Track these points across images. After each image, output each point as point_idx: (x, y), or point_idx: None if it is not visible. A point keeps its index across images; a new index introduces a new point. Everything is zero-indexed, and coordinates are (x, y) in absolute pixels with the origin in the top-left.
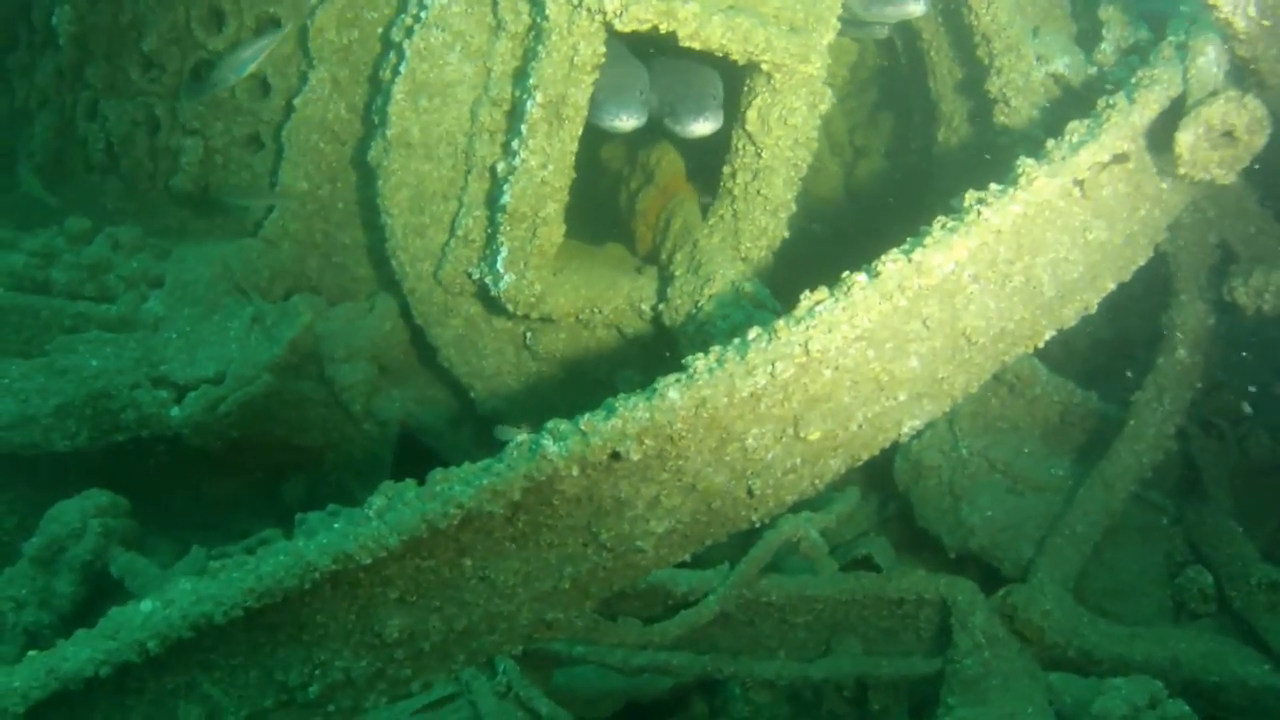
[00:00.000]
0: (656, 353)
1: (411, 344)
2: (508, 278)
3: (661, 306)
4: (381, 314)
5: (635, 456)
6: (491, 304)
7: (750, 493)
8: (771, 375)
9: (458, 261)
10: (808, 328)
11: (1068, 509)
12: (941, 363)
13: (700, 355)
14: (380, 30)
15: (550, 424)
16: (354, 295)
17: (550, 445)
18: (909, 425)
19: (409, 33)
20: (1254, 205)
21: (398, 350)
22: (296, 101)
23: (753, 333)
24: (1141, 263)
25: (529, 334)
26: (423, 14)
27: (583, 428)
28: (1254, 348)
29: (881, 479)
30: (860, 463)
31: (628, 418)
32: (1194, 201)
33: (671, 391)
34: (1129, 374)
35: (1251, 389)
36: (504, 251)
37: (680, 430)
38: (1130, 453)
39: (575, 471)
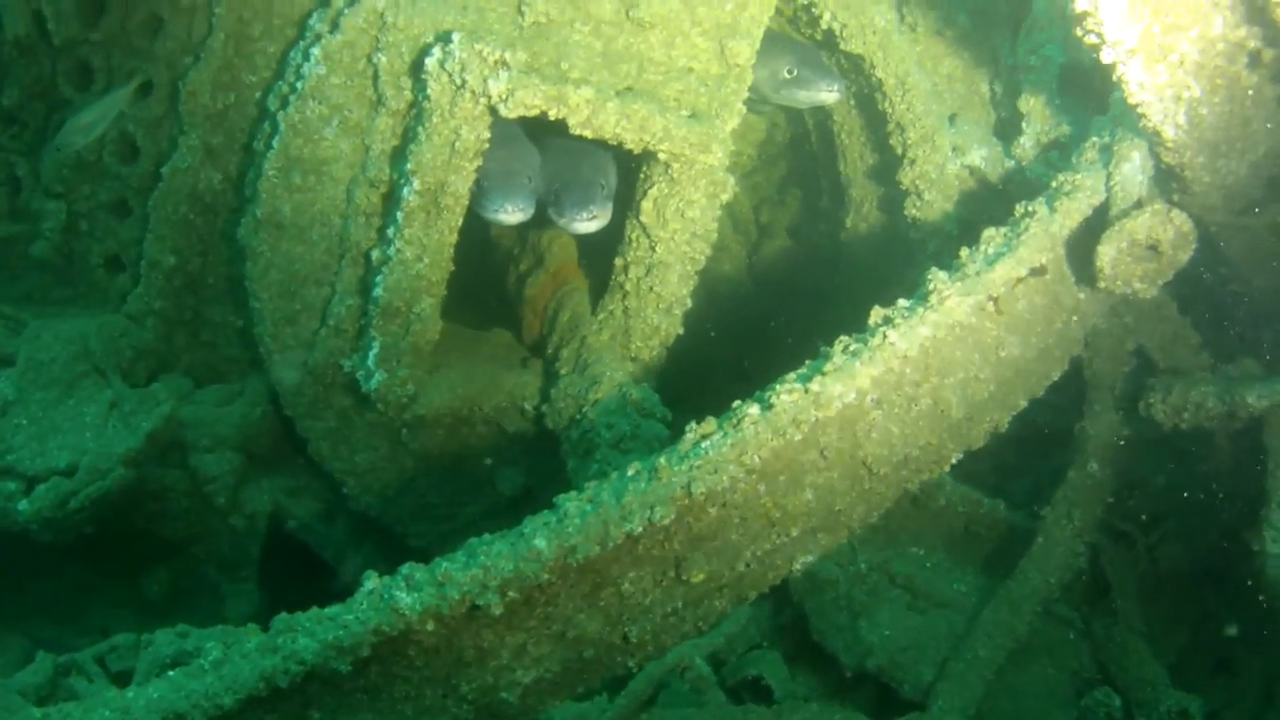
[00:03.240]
0: (540, 449)
1: (284, 430)
2: (379, 376)
3: (545, 408)
4: (251, 399)
5: (497, 611)
6: (365, 397)
7: (626, 639)
8: (650, 521)
9: (329, 352)
10: (691, 467)
11: (971, 631)
12: (839, 495)
13: (573, 495)
14: (259, 95)
15: (406, 568)
16: (224, 376)
17: (403, 597)
18: (801, 561)
19: (285, 103)
20: (1173, 313)
21: (268, 438)
22: (164, 169)
23: (632, 469)
24: (1056, 377)
25: (405, 430)
26: (299, 84)
27: (439, 578)
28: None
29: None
30: (748, 602)
31: (489, 568)
32: (1112, 307)
33: (539, 539)
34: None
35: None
36: (376, 347)
37: (548, 580)
38: (1038, 573)
39: (431, 626)
